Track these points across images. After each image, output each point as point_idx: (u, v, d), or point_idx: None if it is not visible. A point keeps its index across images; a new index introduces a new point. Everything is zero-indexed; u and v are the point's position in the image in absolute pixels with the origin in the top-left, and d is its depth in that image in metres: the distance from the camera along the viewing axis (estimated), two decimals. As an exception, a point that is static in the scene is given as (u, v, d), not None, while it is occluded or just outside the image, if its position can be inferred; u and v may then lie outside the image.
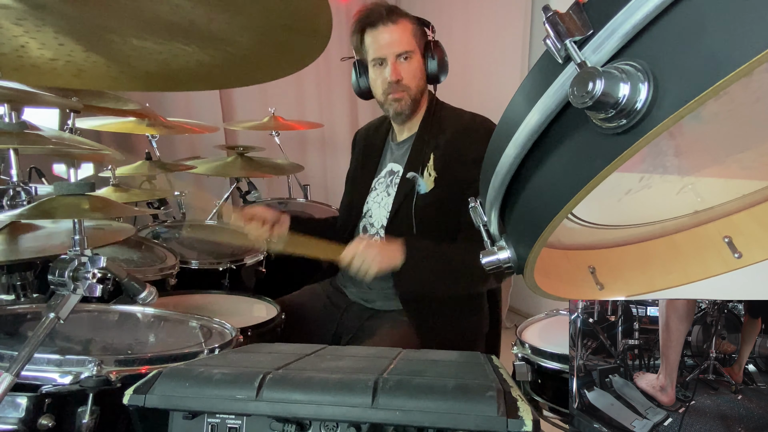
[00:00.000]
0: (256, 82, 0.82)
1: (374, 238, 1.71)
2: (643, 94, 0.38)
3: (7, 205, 1.33)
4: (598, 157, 0.41)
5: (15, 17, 0.64)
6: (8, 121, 1.16)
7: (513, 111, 0.49)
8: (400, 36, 1.62)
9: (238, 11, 0.68)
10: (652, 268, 0.75)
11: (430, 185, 1.64)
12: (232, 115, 3.77)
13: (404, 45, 1.62)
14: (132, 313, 1.38)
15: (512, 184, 0.53)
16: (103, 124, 2.30)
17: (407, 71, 1.63)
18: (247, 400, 0.73)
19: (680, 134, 0.55)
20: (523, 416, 0.67)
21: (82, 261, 0.95)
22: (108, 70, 0.75)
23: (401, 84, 1.63)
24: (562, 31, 0.41)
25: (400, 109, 1.66)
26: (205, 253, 2.21)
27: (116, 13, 0.67)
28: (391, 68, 1.62)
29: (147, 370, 1.02)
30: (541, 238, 0.50)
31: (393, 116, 1.71)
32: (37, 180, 2.20)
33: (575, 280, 0.73)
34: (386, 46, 1.62)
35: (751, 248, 0.72)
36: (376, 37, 1.63)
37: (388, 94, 1.65)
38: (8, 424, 0.91)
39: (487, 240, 0.62)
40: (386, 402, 0.70)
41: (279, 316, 1.59)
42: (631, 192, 0.64)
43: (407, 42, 1.62)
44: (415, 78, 1.65)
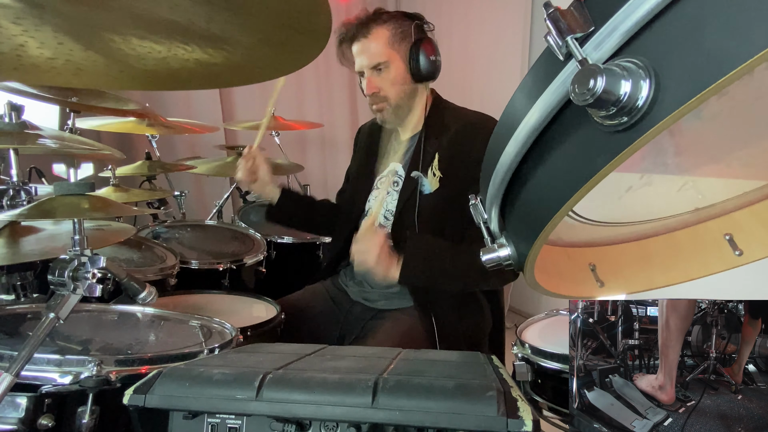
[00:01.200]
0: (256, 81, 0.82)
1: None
2: (645, 91, 0.38)
3: (7, 205, 1.33)
4: (599, 154, 0.41)
5: (14, 16, 0.64)
6: (8, 121, 1.16)
7: (514, 108, 0.49)
8: (373, 49, 1.63)
9: (238, 11, 0.68)
10: (653, 266, 0.75)
11: (434, 185, 1.64)
12: (232, 115, 3.77)
13: (376, 57, 1.63)
14: (132, 313, 1.38)
15: (513, 181, 0.53)
16: (103, 124, 2.30)
17: (382, 82, 1.64)
18: (247, 400, 0.73)
19: (681, 132, 0.55)
20: (523, 416, 0.67)
21: (82, 261, 0.95)
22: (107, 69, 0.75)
23: (378, 96, 1.65)
24: (564, 28, 0.41)
25: (383, 118, 1.70)
26: (205, 253, 2.21)
27: (116, 13, 0.67)
28: (366, 82, 1.65)
29: (147, 370, 1.01)
30: (541, 235, 0.50)
31: (381, 123, 1.74)
32: (37, 180, 2.20)
33: (576, 278, 0.73)
34: (360, 61, 1.66)
35: (751, 246, 0.72)
36: (353, 52, 1.68)
37: (372, 105, 1.69)
38: (8, 424, 0.91)
39: (487, 237, 0.62)
40: (386, 402, 0.70)
41: (279, 316, 1.59)
42: (631, 189, 0.64)
43: (380, 53, 1.63)
44: (393, 86, 1.65)
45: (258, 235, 2.39)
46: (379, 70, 1.64)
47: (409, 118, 1.73)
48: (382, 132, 1.86)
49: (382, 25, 1.65)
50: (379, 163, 1.82)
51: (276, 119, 3.01)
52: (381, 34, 1.64)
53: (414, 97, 1.70)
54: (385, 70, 1.64)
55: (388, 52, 1.63)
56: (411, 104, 1.70)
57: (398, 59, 1.65)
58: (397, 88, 1.65)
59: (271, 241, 2.43)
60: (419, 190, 1.65)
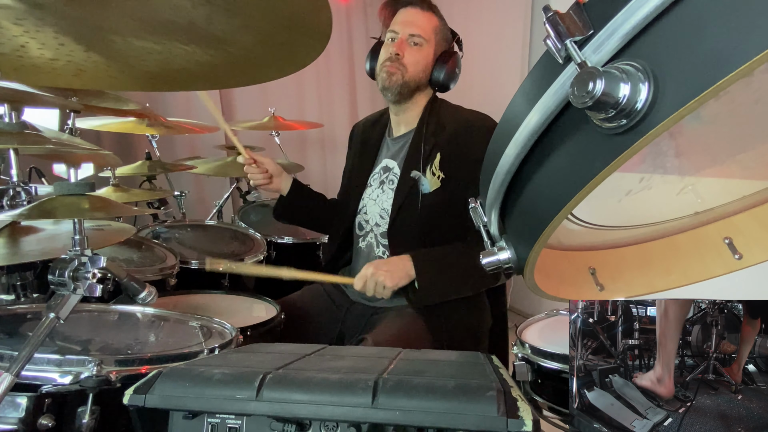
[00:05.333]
0: (256, 82, 0.82)
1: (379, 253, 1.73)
2: (644, 94, 0.38)
3: (7, 205, 1.33)
4: (598, 157, 0.41)
5: (15, 17, 0.64)
6: (8, 121, 1.15)
7: (513, 111, 0.49)
8: (421, 22, 1.67)
9: (238, 11, 0.68)
10: (653, 269, 0.75)
11: (434, 185, 1.64)
12: (232, 115, 3.77)
13: (420, 29, 1.66)
14: (132, 313, 1.38)
15: (512, 184, 0.53)
16: (103, 124, 2.30)
17: (411, 54, 1.66)
18: (247, 400, 0.73)
19: (680, 135, 0.55)
20: (523, 416, 0.67)
21: (82, 261, 0.95)
22: (108, 70, 0.75)
23: (400, 61, 1.66)
24: (563, 31, 0.41)
25: (389, 84, 1.68)
26: (205, 253, 2.21)
27: (116, 13, 0.67)
28: (397, 42, 1.67)
29: (147, 370, 1.02)
30: (541, 238, 0.50)
31: (381, 89, 1.73)
32: (37, 180, 2.20)
33: (575, 281, 0.73)
34: (404, 23, 1.68)
35: (751, 249, 0.72)
36: (401, 14, 1.70)
37: (385, 66, 1.68)
38: (8, 424, 0.91)
39: (487, 240, 0.62)
40: (386, 402, 0.70)
41: (279, 316, 1.59)
42: (631, 193, 0.64)
43: (424, 29, 1.67)
44: (416, 64, 1.67)
45: (258, 235, 2.39)
46: (414, 43, 1.67)
47: (407, 109, 1.73)
48: (377, 128, 1.86)
49: (437, 15, 1.72)
50: (373, 160, 1.82)
51: (276, 119, 3.01)
52: (434, 19, 1.70)
53: (420, 91, 1.72)
54: (419, 47, 1.67)
55: (430, 35, 1.68)
56: (415, 94, 1.71)
57: (432, 49, 1.69)
58: (417, 69, 1.68)
59: (271, 241, 2.43)
60: (419, 190, 1.65)
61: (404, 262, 1.57)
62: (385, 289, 1.53)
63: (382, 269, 1.54)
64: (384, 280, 1.52)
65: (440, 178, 1.64)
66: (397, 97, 1.70)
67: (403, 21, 1.68)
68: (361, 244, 1.79)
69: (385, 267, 1.56)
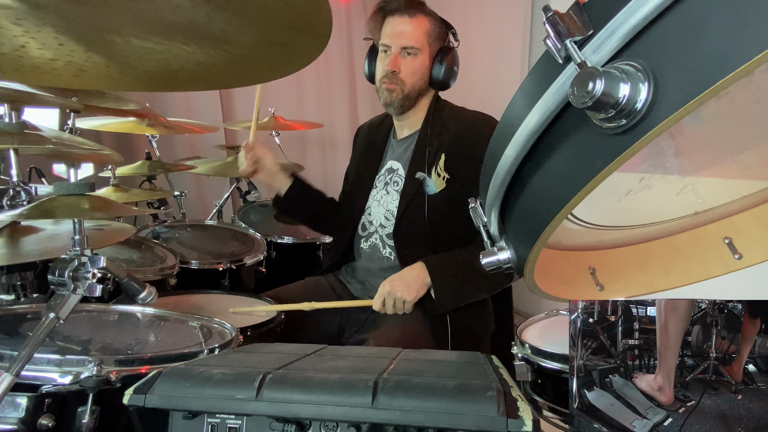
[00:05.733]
0: (256, 82, 0.82)
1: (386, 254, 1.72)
2: (644, 94, 0.38)
3: (7, 205, 1.33)
4: (598, 157, 0.41)
5: (15, 17, 0.64)
6: (8, 121, 1.16)
7: (513, 111, 0.49)
8: (411, 30, 1.64)
9: (238, 11, 0.68)
10: (653, 269, 0.75)
11: (440, 186, 1.64)
12: (232, 115, 3.76)
13: (411, 40, 1.63)
14: (132, 313, 1.38)
15: (512, 184, 0.53)
16: (103, 124, 2.30)
17: (407, 66, 1.65)
18: (247, 400, 0.73)
19: (680, 134, 0.55)
20: (523, 416, 0.67)
21: (82, 261, 0.95)
22: (108, 70, 0.75)
23: (397, 76, 1.65)
24: (563, 31, 0.41)
25: (389, 101, 1.68)
26: (205, 253, 2.21)
27: (116, 13, 0.67)
28: (391, 58, 1.65)
29: (147, 370, 1.02)
30: (541, 238, 0.50)
31: (384, 105, 1.73)
32: (37, 180, 2.20)
33: (575, 281, 0.73)
34: (394, 36, 1.65)
35: (751, 249, 0.72)
36: (389, 24, 1.67)
37: (383, 83, 1.67)
38: (8, 424, 0.91)
39: (487, 241, 0.62)
40: (386, 402, 0.70)
41: (279, 316, 1.59)
42: (631, 193, 0.64)
43: (416, 39, 1.64)
44: (413, 75, 1.65)
45: (258, 235, 2.39)
46: (408, 54, 1.64)
47: (411, 114, 1.73)
48: (381, 131, 1.86)
49: (426, 15, 1.67)
50: (378, 162, 1.82)
51: (276, 119, 3.01)
52: (423, 22, 1.66)
53: (422, 96, 1.71)
54: (413, 56, 1.65)
55: (422, 42, 1.65)
56: (417, 101, 1.71)
57: (427, 54, 1.67)
58: (416, 79, 1.66)
59: (271, 241, 2.43)
60: (425, 191, 1.65)
61: (417, 272, 1.57)
62: (405, 305, 1.53)
63: (399, 285, 1.53)
64: (402, 295, 1.52)
65: (445, 179, 1.64)
66: (400, 110, 1.71)
67: (393, 33, 1.65)
68: (364, 245, 1.79)
69: (400, 282, 1.55)
